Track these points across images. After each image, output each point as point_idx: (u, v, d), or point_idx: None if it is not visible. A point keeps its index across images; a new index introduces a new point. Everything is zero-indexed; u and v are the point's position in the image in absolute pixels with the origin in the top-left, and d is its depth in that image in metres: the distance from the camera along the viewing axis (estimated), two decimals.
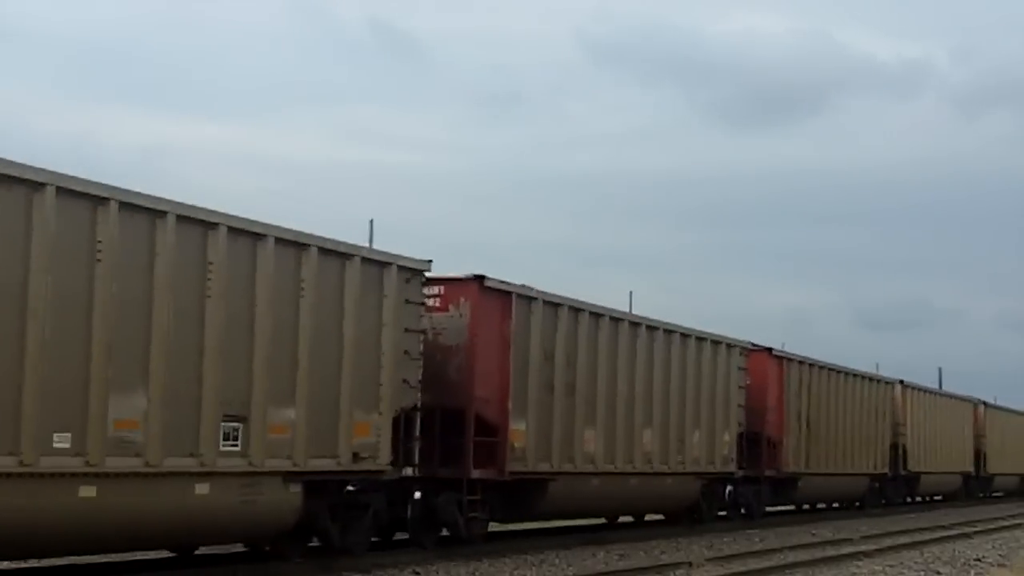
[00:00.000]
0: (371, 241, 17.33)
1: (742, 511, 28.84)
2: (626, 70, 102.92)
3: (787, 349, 30.93)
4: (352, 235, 15.26)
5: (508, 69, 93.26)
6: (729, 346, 26.90)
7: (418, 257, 17.30)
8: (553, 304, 20.65)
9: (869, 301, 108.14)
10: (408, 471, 17.25)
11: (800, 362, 31.01)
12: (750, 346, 28.31)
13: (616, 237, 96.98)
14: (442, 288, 18.76)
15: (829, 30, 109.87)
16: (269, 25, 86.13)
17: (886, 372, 37.39)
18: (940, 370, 59.88)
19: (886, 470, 37.58)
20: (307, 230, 15.33)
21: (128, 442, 12.93)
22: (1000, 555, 22.59)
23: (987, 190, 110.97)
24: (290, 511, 15.27)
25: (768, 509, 30.40)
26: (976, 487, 48.94)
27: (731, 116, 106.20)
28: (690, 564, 18.53)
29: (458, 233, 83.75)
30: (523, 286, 19.95)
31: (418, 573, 16.44)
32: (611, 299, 20.12)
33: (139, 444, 13.05)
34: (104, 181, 12.69)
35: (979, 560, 21.48)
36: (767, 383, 29.18)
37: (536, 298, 20.21)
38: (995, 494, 52.90)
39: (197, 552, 16.35)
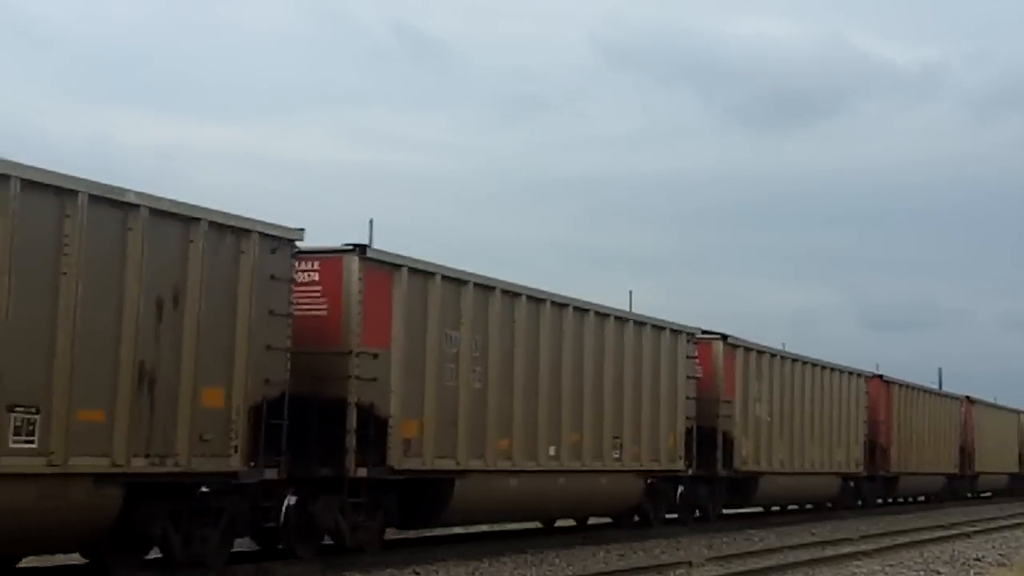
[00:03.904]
0: (370, 241, 18.73)
1: (859, 503, 37.28)
2: (642, 74, 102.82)
3: (788, 349, 34.63)
4: (353, 235, 19.32)
5: (523, 73, 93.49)
6: (858, 375, 35.56)
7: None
8: (759, 351, 29.08)
9: (874, 301, 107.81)
10: (689, 471, 25.75)
11: (901, 386, 39.53)
12: (872, 375, 36.93)
13: (623, 237, 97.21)
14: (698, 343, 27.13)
15: (845, 34, 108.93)
16: (290, 29, 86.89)
17: (887, 371, 40.47)
18: (940, 370, 61.49)
19: (956, 470, 46.01)
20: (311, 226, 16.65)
21: (577, 451, 21.44)
22: (1000, 555, 22.69)
23: (992, 192, 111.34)
24: (637, 495, 23.91)
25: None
26: (1020, 484, 57.19)
27: (747, 119, 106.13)
28: (690, 564, 19.04)
29: (460, 233, 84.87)
30: (751, 342, 28.38)
31: (418, 573, 16.87)
32: (612, 299, 25.58)
33: (580, 452, 21.56)
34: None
35: (979, 560, 21.57)
36: (880, 403, 37.68)
37: (751, 348, 28.63)
38: None
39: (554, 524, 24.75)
